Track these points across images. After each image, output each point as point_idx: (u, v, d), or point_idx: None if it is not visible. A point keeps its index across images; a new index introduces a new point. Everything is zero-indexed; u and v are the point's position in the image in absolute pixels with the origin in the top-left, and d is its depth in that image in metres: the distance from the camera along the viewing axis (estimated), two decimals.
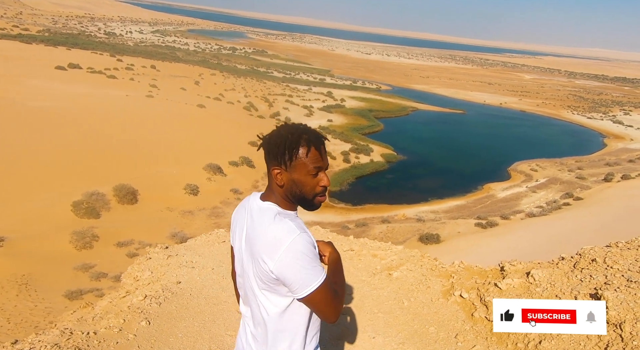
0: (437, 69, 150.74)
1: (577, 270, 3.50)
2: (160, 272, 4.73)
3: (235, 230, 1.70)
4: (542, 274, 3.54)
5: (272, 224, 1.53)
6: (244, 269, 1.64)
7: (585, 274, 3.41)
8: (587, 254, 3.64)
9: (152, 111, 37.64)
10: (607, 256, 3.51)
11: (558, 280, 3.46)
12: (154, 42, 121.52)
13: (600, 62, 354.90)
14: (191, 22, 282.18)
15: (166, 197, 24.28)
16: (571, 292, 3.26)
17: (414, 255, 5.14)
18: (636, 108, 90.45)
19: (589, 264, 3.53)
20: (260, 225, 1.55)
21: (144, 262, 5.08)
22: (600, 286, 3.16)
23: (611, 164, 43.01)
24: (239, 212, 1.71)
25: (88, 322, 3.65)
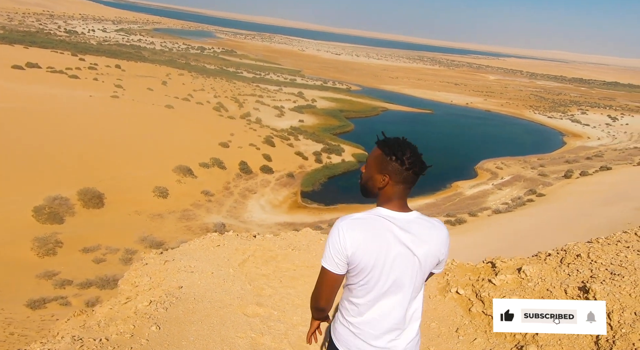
0: (405, 70, 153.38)
1: (564, 265, 3.59)
2: (159, 277, 4.60)
3: (372, 251, 1.72)
4: (532, 269, 3.61)
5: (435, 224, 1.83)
6: (409, 282, 1.77)
7: (572, 268, 3.49)
8: (571, 250, 3.74)
9: (118, 112, 36.41)
10: (590, 251, 3.62)
11: (548, 275, 3.54)
12: (118, 41, 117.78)
13: (559, 64, 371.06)
14: (157, 20, 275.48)
15: (134, 200, 23.53)
16: (561, 286, 3.33)
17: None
18: (592, 107, 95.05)
19: (575, 259, 3.63)
20: (436, 231, 1.79)
21: (141, 267, 4.92)
22: (587, 280, 3.24)
23: (570, 161, 44.97)
24: (372, 237, 1.72)
25: (94, 329, 3.62)
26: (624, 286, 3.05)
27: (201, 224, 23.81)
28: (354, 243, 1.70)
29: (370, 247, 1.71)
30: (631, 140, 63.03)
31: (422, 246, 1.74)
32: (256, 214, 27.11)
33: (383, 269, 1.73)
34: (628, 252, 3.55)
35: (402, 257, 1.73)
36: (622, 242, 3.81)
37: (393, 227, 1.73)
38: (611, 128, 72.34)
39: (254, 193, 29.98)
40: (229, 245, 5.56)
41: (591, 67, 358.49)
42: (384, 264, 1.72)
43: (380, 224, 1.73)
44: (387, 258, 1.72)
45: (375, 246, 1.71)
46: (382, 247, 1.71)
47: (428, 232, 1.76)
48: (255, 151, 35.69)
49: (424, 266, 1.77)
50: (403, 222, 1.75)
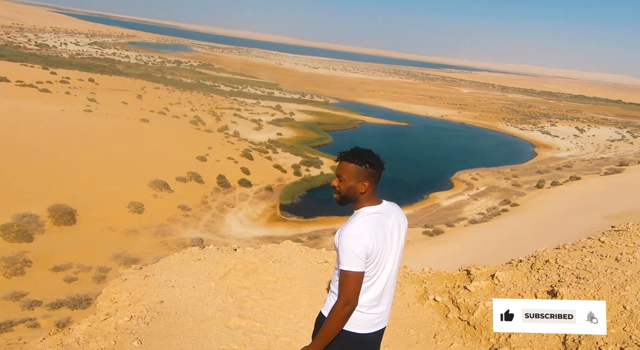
0: (382, 83, 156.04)
1: (534, 271, 3.74)
2: (139, 292, 4.53)
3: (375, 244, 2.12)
4: (505, 275, 3.75)
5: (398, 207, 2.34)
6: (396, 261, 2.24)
7: (542, 273, 3.65)
8: (541, 256, 3.90)
9: (91, 126, 35.66)
10: (557, 257, 3.79)
11: (519, 280, 3.68)
12: (91, 54, 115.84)
13: (528, 78, 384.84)
14: (132, 34, 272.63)
15: (108, 217, 22.95)
16: (531, 290, 3.47)
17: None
18: (561, 120, 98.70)
19: (544, 264, 3.79)
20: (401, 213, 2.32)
21: (120, 283, 4.83)
22: (555, 284, 3.40)
23: (542, 171, 46.37)
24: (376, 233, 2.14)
25: (74, 347, 3.57)
26: (588, 289, 3.22)
27: (178, 239, 23.38)
28: (370, 242, 2.08)
29: (378, 240, 2.12)
30: (598, 151, 65.60)
31: (401, 224, 2.26)
32: (234, 228, 26.81)
33: (384, 253, 2.16)
34: (592, 257, 3.74)
35: (394, 238, 2.21)
36: (587, 247, 4.01)
37: (382, 217, 2.19)
38: (579, 139, 75.15)
39: (232, 207, 29.69)
40: (210, 259, 5.53)
41: (558, 81, 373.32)
42: (384, 248, 2.16)
43: (377, 220, 2.16)
44: (385, 243, 2.16)
45: (380, 238, 2.13)
46: (384, 237, 2.15)
47: (398, 210, 2.30)
48: (233, 165, 35.46)
49: (403, 238, 2.27)
50: (385, 210, 2.23)
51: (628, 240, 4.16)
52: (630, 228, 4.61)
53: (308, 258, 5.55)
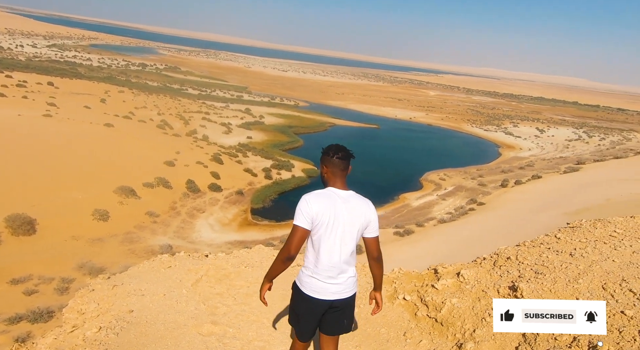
0: (351, 86, 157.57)
1: (497, 268, 3.93)
2: (107, 302, 4.40)
3: (325, 213, 2.69)
4: (469, 273, 3.91)
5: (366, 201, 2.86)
6: (345, 229, 2.73)
7: (504, 270, 3.84)
8: (503, 253, 4.10)
9: (52, 131, 34.28)
10: (518, 254, 4.00)
11: (483, 277, 3.85)
12: (50, 57, 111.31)
13: (491, 80, 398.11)
14: (94, 36, 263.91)
15: (71, 225, 22.11)
16: (494, 286, 3.65)
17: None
18: (523, 121, 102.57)
19: (505, 261, 3.99)
20: (364, 203, 2.83)
21: (87, 294, 4.67)
22: (516, 279, 3.58)
23: (506, 171, 48.08)
24: (325, 204, 2.71)
25: None
26: (546, 283, 3.42)
27: (146, 246, 22.79)
28: (316, 206, 2.68)
29: (325, 209, 2.68)
30: (557, 151, 68.63)
31: (354, 211, 2.75)
32: (205, 234, 26.39)
33: (331, 224, 2.69)
34: (549, 252, 3.96)
35: (342, 217, 2.71)
36: (545, 244, 4.25)
37: (337, 198, 2.75)
38: (539, 139, 78.35)
39: (202, 212, 29.22)
40: (181, 265, 5.46)
41: (519, 84, 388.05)
42: (332, 220, 2.69)
43: (329, 196, 2.75)
44: (332, 216, 2.69)
45: (328, 209, 2.68)
46: (331, 209, 2.69)
47: (359, 202, 2.81)
48: (202, 169, 34.91)
49: (356, 224, 2.75)
50: (344, 195, 2.78)
51: (581, 236, 4.44)
52: (583, 224, 4.90)
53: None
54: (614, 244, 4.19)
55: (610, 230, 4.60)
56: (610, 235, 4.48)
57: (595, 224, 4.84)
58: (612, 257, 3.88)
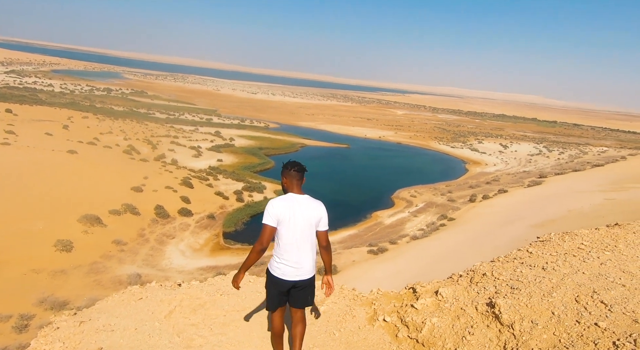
0: (320, 107, 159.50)
1: (474, 284, 3.97)
2: (74, 340, 4.09)
3: (285, 213, 3.47)
4: (448, 291, 3.94)
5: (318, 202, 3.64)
6: (302, 224, 3.50)
7: (480, 286, 3.89)
8: (478, 270, 4.16)
9: (10, 160, 32.80)
10: (493, 269, 4.07)
11: (461, 294, 3.89)
12: (8, 83, 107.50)
13: (455, 99, 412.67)
14: (55, 62, 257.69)
15: (31, 257, 20.99)
16: (472, 303, 3.68)
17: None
18: (487, 137, 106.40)
19: (481, 277, 4.04)
20: (315, 204, 3.60)
21: (51, 333, 4.34)
22: (493, 296, 3.64)
23: (473, 186, 49.43)
24: (286, 206, 3.50)
25: None
26: (522, 298, 3.49)
27: (113, 276, 21.86)
28: (279, 208, 3.47)
29: (286, 209, 3.47)
30: (520, 165, 71.31)
31: (309, 210, 3.52)
32: (176, 261, 25.59)
33: (291, 222, 3.46)
34: (523, 267, 4.06)
35: (300, 215, 3.48)
36: (518, 259, 4.35)
37: (295, 201, 3.52)
38: (504, 155, 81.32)
39: (173, 238, 28.40)
40: (153, 297, 5.22)
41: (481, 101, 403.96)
42: (292, 218, 3.46)
43: (289, 200, 3.53)
44: (292, 215, 3.46)
45: (288, 209, 3.47)
46: (291, 210, 3.47)
47: (312, 203, 3.58)
48: (172, 194, 34.11)
49: (310, 221, 3.52)
50: (300, 199, 3.55)
51: (552, 249, 4.58)
52: (552, 238, 5.06)
53: (256, 288, 5.43)
54: (582, 256, 4.35)
55: (578, 243, 4.77)
56: (578, 247, 4.65)
57: (564, 237, 5.01)
58: (582, 270, 4.01)
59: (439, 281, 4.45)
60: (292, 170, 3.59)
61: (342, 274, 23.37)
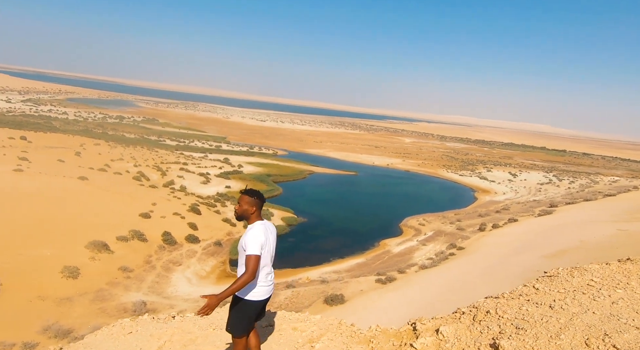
0: (328, 134, 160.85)
1: (477, 323, 3.80)
2: None
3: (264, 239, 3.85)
4: (449, 330, 3.78)
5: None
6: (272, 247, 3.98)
7: (484, 325, 3.72)
8: (482, 307, 4.00)
9: (20, 186, 33.28)
10: (497, 307, 3.90)
11: (462, 334, 3.72)
12: (24, 111, 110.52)
13: (463, 127, 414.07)
14: (71, 90, 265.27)
15: (37, 284, 20.90)
16: (474, 344, 3.51)
17: (332, 324, 5.13)
18: (496, 165, 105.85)
19: (485, 315, 3.87)
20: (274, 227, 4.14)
21: None
22: (497, 336, 3.47)
23: (483, 215, 48.77)
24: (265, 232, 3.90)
25: None
26: (527, 340, 3.31)
27: (118, 304, 21.62)
28: (263, 237, 3.81)
29: (266, 237, 3.84)
30: (530, 194, 70.45)
31: (274, 233, 4.05)
32: (181, 288, 25.31)
33: (268, 245, 3.85)
34: (529, 305, 3.88)
35: (272, 239, 3.96)
36: (524, 295, 4.17)
37: (267, 227, 3.95)
38: (513, 183, 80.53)
39: (179, 265, 28.20)
40: (143, 331, 5.08)
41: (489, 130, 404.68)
42: (267, 242, 3.85)
43: (264, 227, 3.92)
44: (267, 240, 3.85)
45: (266, 236, 3.85)
46: (267, 237, 3.87)
47: (273, 226, 4.09)
48: (179, 220, 34.14)
49: (275, 242, 4.02)
50: (268, 224, 4.00)
51: (559, 286, 4.39)
52: (560, 273, 4.88)
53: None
54: (592, 294, 4.16)
55: (588, 279, 4.58)
56: (588, 284, 4.46)
57: (573, 273, 4.83)
58: (592, 309, 3.83)
59: (441, 317, 4.27)
60: (257, 197, 3.95)
61: (350, 303, 22.88)
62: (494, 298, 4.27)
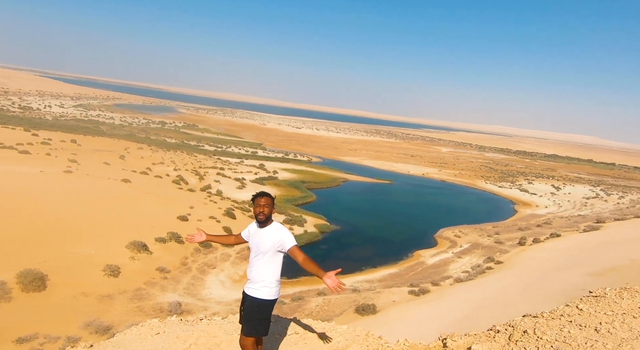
0: (364, 142, 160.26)
1: (512, 343, 3.62)
2: None
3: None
4: (481, 349, 3.61)
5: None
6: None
7: (520, 346, 3.53)
8: (519, 326, 3.79)
9: (70, 187, 35.11)
10: (536, 327, 3.68)
11: None
12: (75, 116, 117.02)
13: (503, 138, 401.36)
14: (118, 96, 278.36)
15: (81, 281, 21.89)
16: None
17: (359, 335, 5.05)
18: (537, 178, 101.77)
19: (522, 335, 3.68)
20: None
21: None
22: None
23: (523, 228, 46.89)
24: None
25: None
26: None
27: (155, 304, 22.28)
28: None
29: None
30: (575, 208, 67.13)
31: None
32: (215, 291, 25.80)
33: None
34: (571, 327, 3.65)
35: None
36: (565, 316, 3.93)
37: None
38: (556, 197, 77.08)
39: (213, 268, 28.79)
40: (170, 332, 5.18)
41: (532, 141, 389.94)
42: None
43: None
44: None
45: None
46: None
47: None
48: (215, 224, 34.90)
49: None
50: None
51: (606, 307, 4.11)
52: (608, 294, 4.58)
53: (277, 329, 5.29)
54: None
55: (639, 302, 4.27)
56: (639, 307, 4.16)
57: (622, 294, 4.52)
58: None
59: (475, 335, 4.08)
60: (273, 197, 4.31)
61: (381, 313, 22.54)
62: (532, 317, 4.05)
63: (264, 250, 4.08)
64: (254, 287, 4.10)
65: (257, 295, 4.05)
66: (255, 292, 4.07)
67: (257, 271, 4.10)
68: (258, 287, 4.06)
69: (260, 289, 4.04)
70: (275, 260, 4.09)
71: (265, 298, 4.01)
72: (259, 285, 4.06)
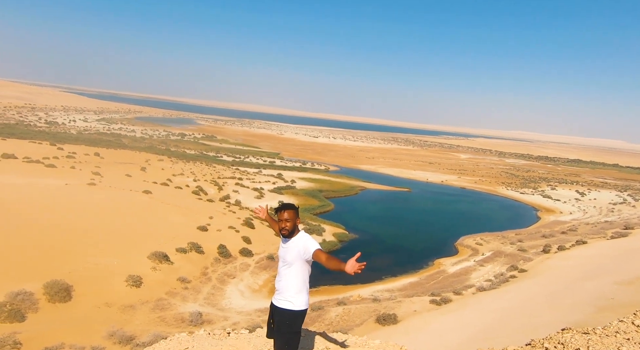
0: (381, 150, 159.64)
1: None
2: None
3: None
4: None
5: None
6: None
7: None
8: (569, 343, 3.47)
9: (93, 199, 35.95)
10: (589, 345, 3.34)
11: None
12: (99, 129, 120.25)
13: (524, 143, 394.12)
14: (139, 110, 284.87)
15: (105, 291, 22.27)
16: None
17: None
18: (560, 183, 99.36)
19: None
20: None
21: None
22: None
23: (547, 235, 45.71)
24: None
25: None
26: None
27: (176, 313, 22.48)
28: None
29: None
30: (601, 215, 65.15)
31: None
32: (235, 301, 25.88)
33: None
34: (629, 344, 3.31)
35: None
36: (621, 332, 3.61)
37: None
38: (581, 203, 75.03)
39: (233, 278, 28.92)
40: (198, 347, 5.15)
41: (554, 146, 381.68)
42: None
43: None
44: None
45: None
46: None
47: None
48: (234, 234, 35.16)
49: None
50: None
51: None
52: None
53: (307, 344, 5.22)
54: None
55: None
56: None
57: None
58: None
59: (517, 348, 3.83)
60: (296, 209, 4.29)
61: (403, 323, 22.19)
62: (583, 333, 3.70)
63: (290, 260, 4.11)
64: (283, 298, 4.07)
65: (286, 306, 4.02)
66: (284, 304, 4.04)
67: (286, 282, 4.09)
68: (286, 297, 4.05)
69: (289, 299, 4.03)
70: (302, 270, 4.12)
71: (294, 309, 3.99)
72: (287, 296, 4.04)
